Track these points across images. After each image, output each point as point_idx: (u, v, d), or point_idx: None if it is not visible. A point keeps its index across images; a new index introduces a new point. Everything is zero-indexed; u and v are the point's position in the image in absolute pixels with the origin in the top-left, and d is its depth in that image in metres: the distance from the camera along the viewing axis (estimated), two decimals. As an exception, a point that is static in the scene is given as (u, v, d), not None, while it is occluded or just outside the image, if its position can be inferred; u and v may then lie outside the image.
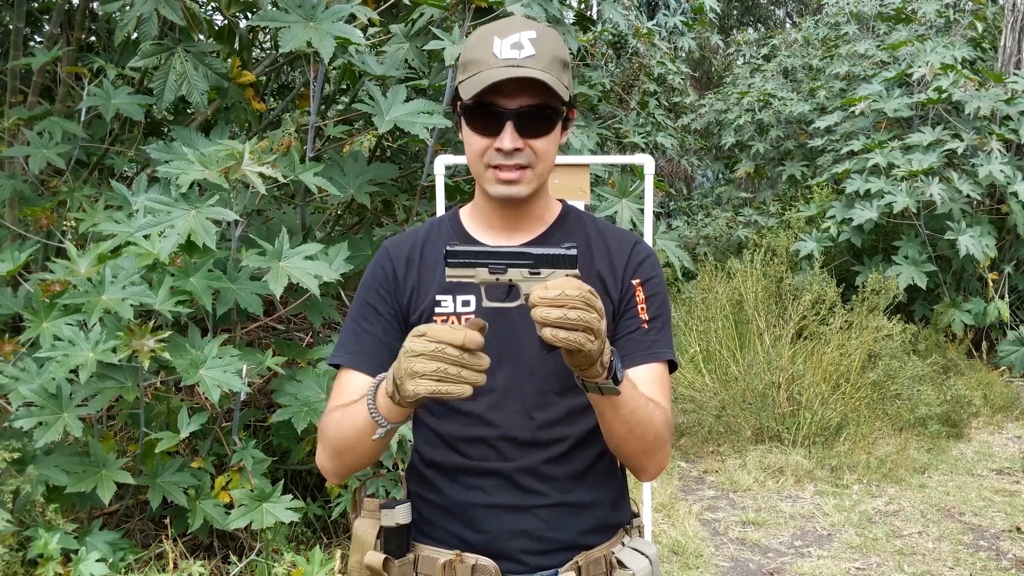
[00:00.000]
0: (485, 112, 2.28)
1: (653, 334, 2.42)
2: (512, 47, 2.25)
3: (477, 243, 2.46)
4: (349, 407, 2.28)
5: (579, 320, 1.89)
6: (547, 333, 1.90)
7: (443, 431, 2.43)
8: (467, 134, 2.34)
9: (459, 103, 2.35)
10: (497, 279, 2.02)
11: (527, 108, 2.26)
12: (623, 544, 2.49)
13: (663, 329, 2.45)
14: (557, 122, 2.34)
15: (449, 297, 2.39)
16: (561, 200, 2.59)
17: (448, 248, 2.02)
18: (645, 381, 2.34)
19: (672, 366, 2.47)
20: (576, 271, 1.99)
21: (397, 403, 2.05)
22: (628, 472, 2.56)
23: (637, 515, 2.62)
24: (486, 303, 2.11)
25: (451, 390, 1.94)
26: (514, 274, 2.01)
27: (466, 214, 2.55)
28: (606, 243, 2.50)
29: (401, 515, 2.44)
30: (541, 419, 2.37)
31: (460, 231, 2.51)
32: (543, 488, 2.39)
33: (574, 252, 1.99)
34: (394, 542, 2.44)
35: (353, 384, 2.40)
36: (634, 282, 2.44)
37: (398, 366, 2.01)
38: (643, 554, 2.47)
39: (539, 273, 2.00)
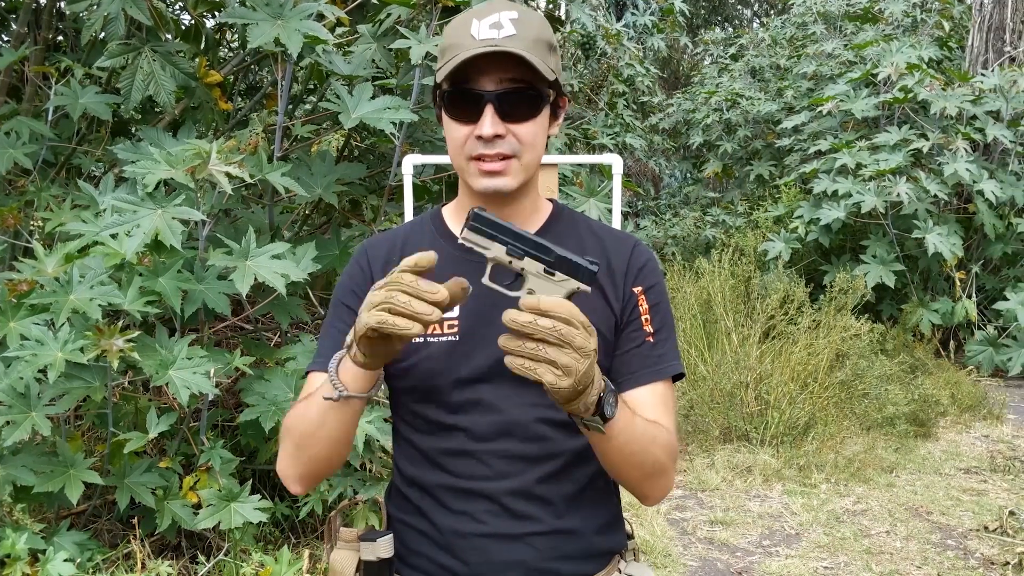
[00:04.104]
0: (462, 97, 2.13)
1: (659, 347, 2.27)
2: (491, 27, 2.09)
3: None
4: (312, 394, 2.16)
5: (540, 354, 1.75)
6: (506, 360, 1.79)
7: (425, 446, 2.26)
8: (447, 124, 2.19)
9: (438, 93, 2.21)
10: (511, 263, 1.87)
11: (507, 89, 2.11)
12: (619, 571, 2.35)
13: (668, 340, 2.30)
14: (543, 106, 2.17)
15: None
16: (552, 200, 2.43)
17: (475, 210, 1.87)
18: (650, 401, 2.22)
19: (679, 375, 2.32)
20: (588, 289, 1.86)
21: (353, 356, 1.92)
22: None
23: (631, 536, 2.47)
24: (486, 281, 1.92)
25: (396, 323, 1.77)
26: (529, 264, 1.86)
27: (450, 212, 2.39)
28: (603, 246, 2.33)
29: (383, 549, 2.27)
30: (532, 433, 2.20)
31: (443, 230, 2.35)
32: (536, 513, 2.21)
33: (595, 268, 1.86)
34: None
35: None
36: (635, 290, 2.27)
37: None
38: None
39: (553, 275, 1.86)
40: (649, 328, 2.26)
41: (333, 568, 2.30)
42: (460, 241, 1.89)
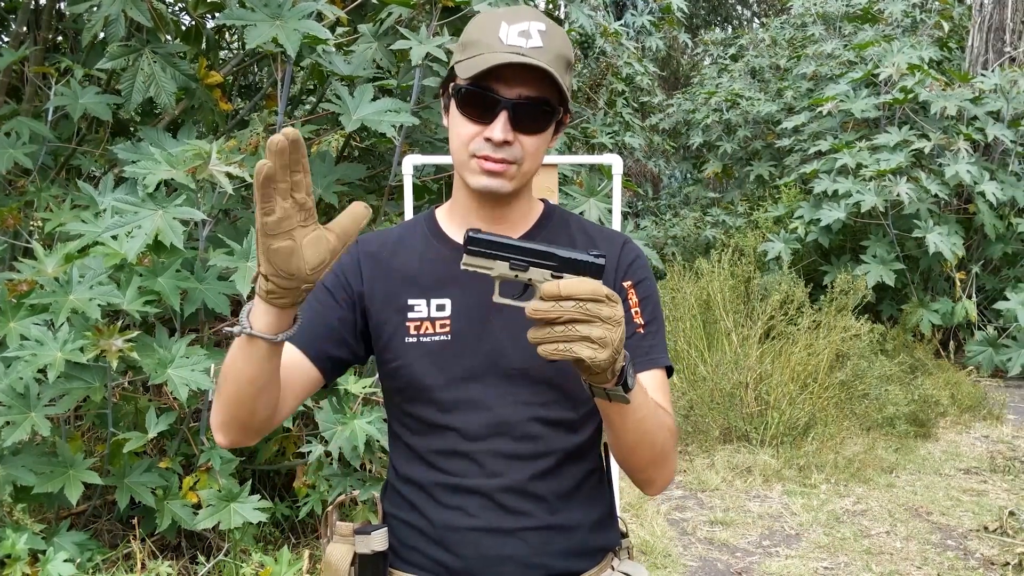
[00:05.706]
0: (480, 98, 2.11)
1: (649, 339, 2.28)
2: (520, 35, 2.09)
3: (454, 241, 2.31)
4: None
5: (571, 333, 1.75)
6: (539, 349, 1.78)
7: (418, 446, 2.26)
8: (455, 119, 2.18)
9: (451, 85, 2.19)
10: (516, 276, 1.87)
11: (525, 100, 2.11)
12: (612, 568, 2.35)
13: (658, 333, 2.31)
14: (552, 122, 2.18)
15: (422, 301, 2.24)
16: (543, 200, 2.43)
17: (470, 233, 1.87)
18: (650, 386, 2.19)
19: (668, 371, 2.32)
20: (599, 282, 1.79)
21: (259, 291, 1.86)
22: (614, 488, 2.45)
23: (625, 535, 2.45)
24: (497, 298, 1.92)
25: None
26: (535, 274, 1.86)
27: (443, 213, 2.39)
28: (593, 244, 2.34)
29: (377, 542, 2.28)
30: (524, 431, 2.20)
31: (436, 231, 2.35)
32: (529, 508, 2.21)
33: (601, 261, 1.84)
34: (370, 570, 2.28)
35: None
36: (626, 284, 2.29)
37: None
38: None
39: (561, 278, 1.83)
40: (640, 320, 2.27)
41: (328, 561, 2.31)
42: (463, 267, 1.89)
